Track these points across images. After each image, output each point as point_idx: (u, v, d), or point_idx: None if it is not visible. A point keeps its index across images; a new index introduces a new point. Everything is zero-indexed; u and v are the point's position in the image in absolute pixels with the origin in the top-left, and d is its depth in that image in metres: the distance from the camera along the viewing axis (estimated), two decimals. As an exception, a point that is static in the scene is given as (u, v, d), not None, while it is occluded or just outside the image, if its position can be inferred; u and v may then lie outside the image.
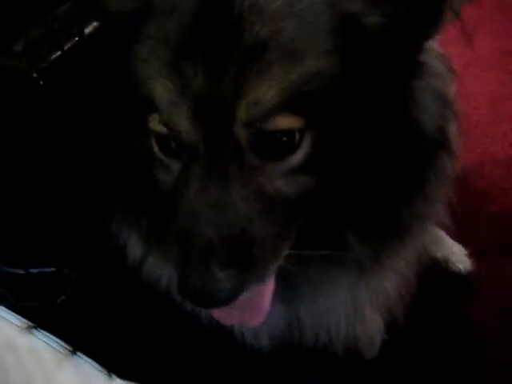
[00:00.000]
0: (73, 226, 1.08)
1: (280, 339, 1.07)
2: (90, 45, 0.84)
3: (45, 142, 0.98)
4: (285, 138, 0.67)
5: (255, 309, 0.77)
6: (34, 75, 0.86)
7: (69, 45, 0.86)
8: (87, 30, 0.86)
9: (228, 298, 0.66)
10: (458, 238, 1.47)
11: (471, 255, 1.45)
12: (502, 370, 1.27)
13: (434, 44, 0.80)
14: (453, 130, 0.84)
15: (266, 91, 0.64)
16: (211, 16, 0.66)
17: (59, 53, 0.86)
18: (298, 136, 0.68)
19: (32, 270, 1.09)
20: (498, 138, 1.67)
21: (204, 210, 0.66)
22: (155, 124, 0.70)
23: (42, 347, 0.35)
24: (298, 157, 0.69)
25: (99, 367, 0.87)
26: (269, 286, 0.76)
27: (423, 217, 0.85)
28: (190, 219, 0.67)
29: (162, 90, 0.66)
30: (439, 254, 1.45)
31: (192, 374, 1.21)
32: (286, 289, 0.85)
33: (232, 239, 0.66)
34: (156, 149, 0.73)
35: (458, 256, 1.45)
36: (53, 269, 1.09)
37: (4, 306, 0.92)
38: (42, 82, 0.87)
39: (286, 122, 0.66)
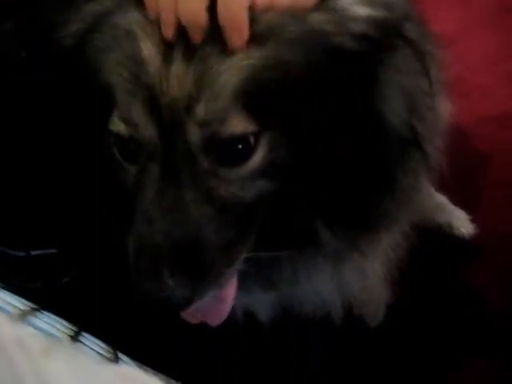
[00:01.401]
0: (74, 206, 1.08)
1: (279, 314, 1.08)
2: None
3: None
4: (239, 145, 0.65)
5: (216, 310, 0.76)
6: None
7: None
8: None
9: (183, 303, 0.66)
10: (460, 202, 1.46)
11: (474, 220, 1.44)
12: (502, 336, 1.28)
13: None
14: (424, 125, 0.78)
15: (228, 78, 0.62)
16: None
17: None
18: (252, 140, 0.65)
19: (33, 252, 1.09)
20: (497, 99, 1.65)
21: (157, 214, 0.65)
22: (115, 124, 0.67)
23: (31, 337, 0.34)
24: (253, 162, 0.67)
25: (104, 348, 0.88)
26: (230, 289, 0.75)
27: (398, 206, 0.82)
28: (145, 224, 0.66)
29: (120, 79, 0.65)
30: (442, 220, 1.45)
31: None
32: (269, 277, 0.84)
33: (184, 245, 0.65)
34: (116, 151, 0.71)
35: (461, 221, 1.45)
36: (54, 250, 1.09)
37: (9, 288, 0.92)
38: None
39: (240, 125, 0.64)
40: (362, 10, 0.66)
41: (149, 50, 0.63)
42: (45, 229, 1.10)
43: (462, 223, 1.44)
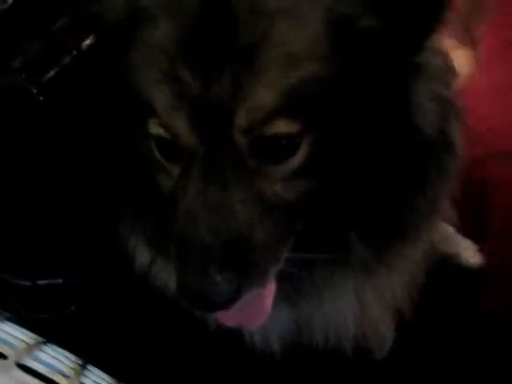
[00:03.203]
0: (80, 235, 1.09)
1: (290, 342, 1.07)
2: (88, 58, 0.84)
3: (50, 154, 0.98)
4: (284, 142, 0.67)
5: (256, 312, 0.77)
6: (34, 91, 0.86)
7: (67, 60, 0.86)
8: (85, 44, 0.86)
9: (227, 302, 0.66)
10: (467, 233, 1.46)
11: (481, 250, 1.44)
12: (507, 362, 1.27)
13: (435, 41, 0.78)
14: (455, 131, 0.83)
15: (264, 96, 0.63)
16: (207, 20, 0.65)
17: (57, 68, 0.86)
18: (296, 139, 0.67)
19: (40, 282, 1.10)
20: (503, 132, 1.65)
21: (203, 213, 0.66)
22: (155, 127, 0.69)
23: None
24: (296, 160, 0.68)
25: (109, 382, 0.88)
26: (270, 290, 0.76)
27: (426, 217, 0.84)
28: (189, 223, 0.66)
29: (159, 94, 0.66)
30: (451, 251, 1.45)
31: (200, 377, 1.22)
32: (292, 291, 0.84)
33: (231, 243, 0.65)
34: (156, 153, 0.72)
35: (469, 251, 1.45)
36: (60, 280, 1.10)
37: (15, 319, 0.93)
38: (41, 98, 0.87)
39: (284, 126, 0.65)
40: None
41: (187, 69, 0.64)
42: (51, 258, 1.11)
43: (470, 254, 1.44)
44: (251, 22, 0.64)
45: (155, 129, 0.69)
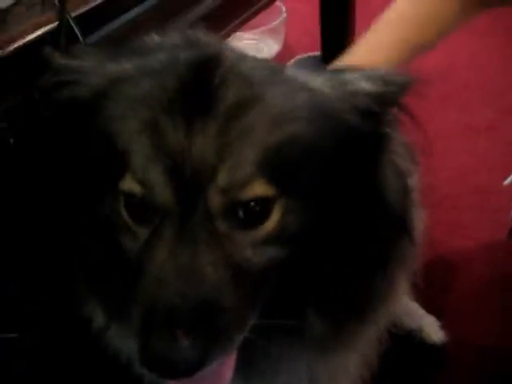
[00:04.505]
0: (35, 290, 1.06)
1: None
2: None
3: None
4: (258, 207, 0.67)
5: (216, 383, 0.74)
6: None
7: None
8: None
9: (193, 368, 0.63)
10: (430, 309, 1.47)
11: (444, 326, 1.45)
12: None
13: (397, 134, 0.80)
14: (414, 216, 0.84)
15: (249, 153, 0.65)
16: (193, 77, 0.67)
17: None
18: (269, 205, 0.68)
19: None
20: (466, 210, 1.71)
21: (172, 276, 0.64)
22: (128, 183, 0.68)
23: None
24: (268, 226, 0.68)
25: None
26: (230, 361, 0.73)
27: (383, 299, 0.84)
28: (157, 285, 0.65)
29: (137, 146, 0.66)
30: (413, 326, 1.45)
31: None
32: (246, 365, 0.81)
33: (199, 307, 0.64)
34: (124, 213, 0.71)
35: (432, 327, 1.45)
36: (15, 335, 1.06)
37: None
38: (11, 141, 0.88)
39: (261, 189, 0.66)
40: (366, 85, 0.71)
41: (168, 121, 0.65)
42: (6, 312, 1.07)
43: (433, 329, 1.44)
44: (238, 85, 0.67)
45: (128, 184, 0.68)
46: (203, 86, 0.67)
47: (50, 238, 0.93)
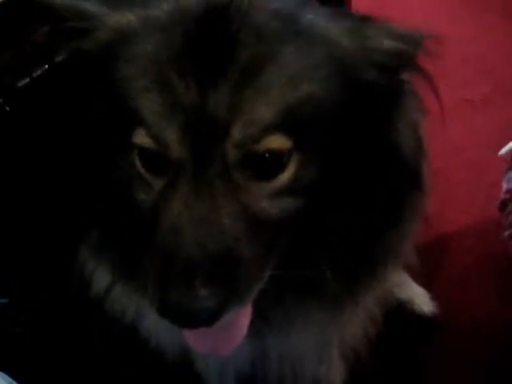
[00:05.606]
0: (32, 254, 1.06)
1: (245, 379, 1.05)
2: (61, 72, 0.84)
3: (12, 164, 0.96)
4: (273, 159, 0.68)
5: (230, 337, 0.75)
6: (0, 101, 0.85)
7: (38, 72, 0.85)
8: (58, 59, 0.85)
9: (211, 318, 0.64)
10: (421, 281, 1.48)
11: (434, 298, 1.46)
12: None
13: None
14: (424, 170, 0.85)
15: (264, 112, 0.65)
16: (206, 31, 0.66)
17: (27, 80, 0.85)
18: (285, 157, 0.68)
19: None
20: (460, 184, 1.71)
21: (189, 226, 0.64)
22: (140, 137, 0.68)
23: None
24: (283, 178, 0.69)
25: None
26: (246, 312, 0.74)
27: (396, 253, 0.86)
28: (173, 236, 0.65)
29: (151, 104, 0.66)
30: (403, 296, 1.46)
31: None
32: (261, 321, 0.82)
33: (216, 257, 0.64)
34: (138, 165, 0.71)
35: (422, 298, 1.47)
36: (5, 300, 1.06)
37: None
38: (7, 108, 0.86)
39: (276, 142, 0.67)
40: (387, 42, 0.71)
41: (180, 80, 0.65)
42: None
43: (423, 301, 1.46)
44: (254, 40, 0.66)
45: (140, 139, 0.69)
46: (214, 43, 0.66)
47: (56, 196, 0.91)
